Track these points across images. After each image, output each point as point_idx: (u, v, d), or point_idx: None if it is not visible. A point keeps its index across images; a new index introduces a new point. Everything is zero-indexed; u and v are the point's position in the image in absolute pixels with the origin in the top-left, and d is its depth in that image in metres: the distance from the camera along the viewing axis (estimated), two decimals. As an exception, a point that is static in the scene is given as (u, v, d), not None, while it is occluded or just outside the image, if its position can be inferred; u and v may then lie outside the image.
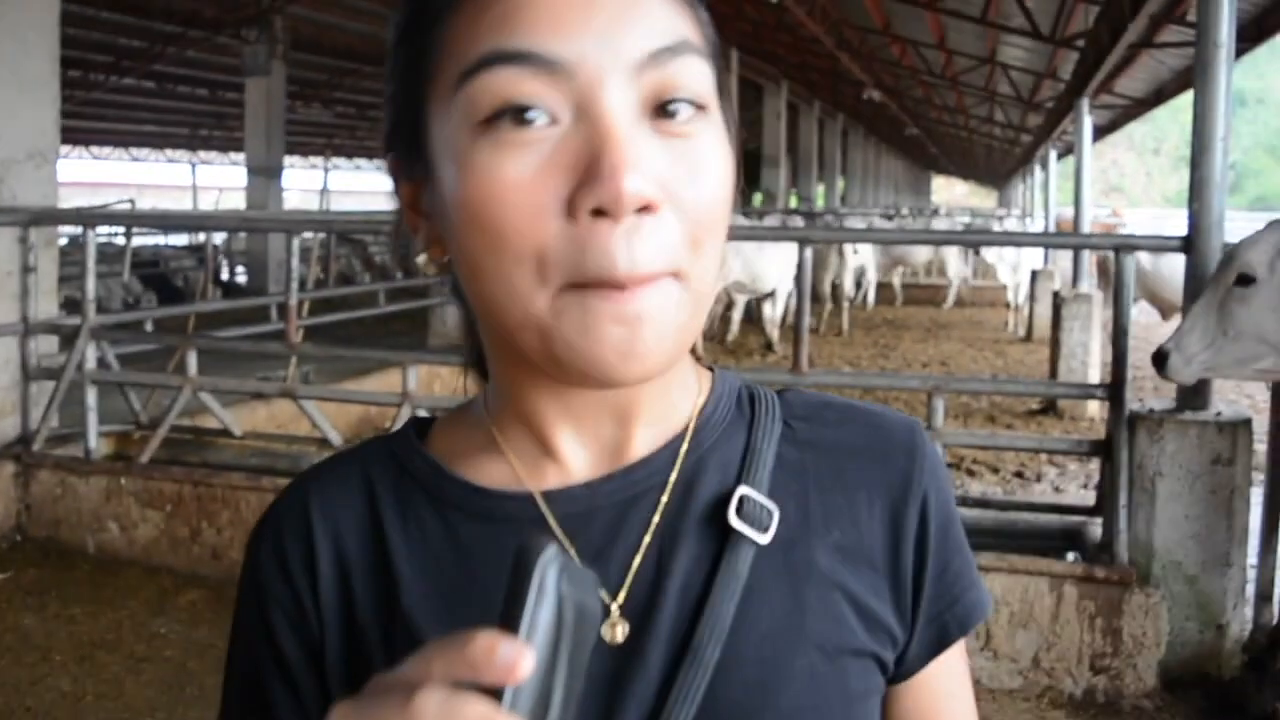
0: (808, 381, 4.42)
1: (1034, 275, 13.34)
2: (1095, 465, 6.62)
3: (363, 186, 43.11)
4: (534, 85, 0.59)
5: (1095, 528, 4.27)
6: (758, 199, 22.59)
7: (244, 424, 5.72)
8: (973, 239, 13.85)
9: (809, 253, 4.46)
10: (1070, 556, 4.33)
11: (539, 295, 0.60)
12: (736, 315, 13.00)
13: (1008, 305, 14.52)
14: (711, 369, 0.77)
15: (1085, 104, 10.01)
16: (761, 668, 0.66)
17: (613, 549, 0.68)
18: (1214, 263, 3.82)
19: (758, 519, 0.68)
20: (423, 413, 4.39)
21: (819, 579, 0.69)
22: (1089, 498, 5.83)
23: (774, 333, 12.08)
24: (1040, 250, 13.66)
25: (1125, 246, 4.03)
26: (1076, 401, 8.35)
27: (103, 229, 12.91)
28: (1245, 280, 3.03)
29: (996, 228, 21.42)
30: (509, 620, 0.45)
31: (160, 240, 18.50)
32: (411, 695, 0.44)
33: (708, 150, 0.62)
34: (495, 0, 0.61)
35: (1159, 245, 4.30)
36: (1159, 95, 12.91)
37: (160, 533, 4.86)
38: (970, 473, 6.99)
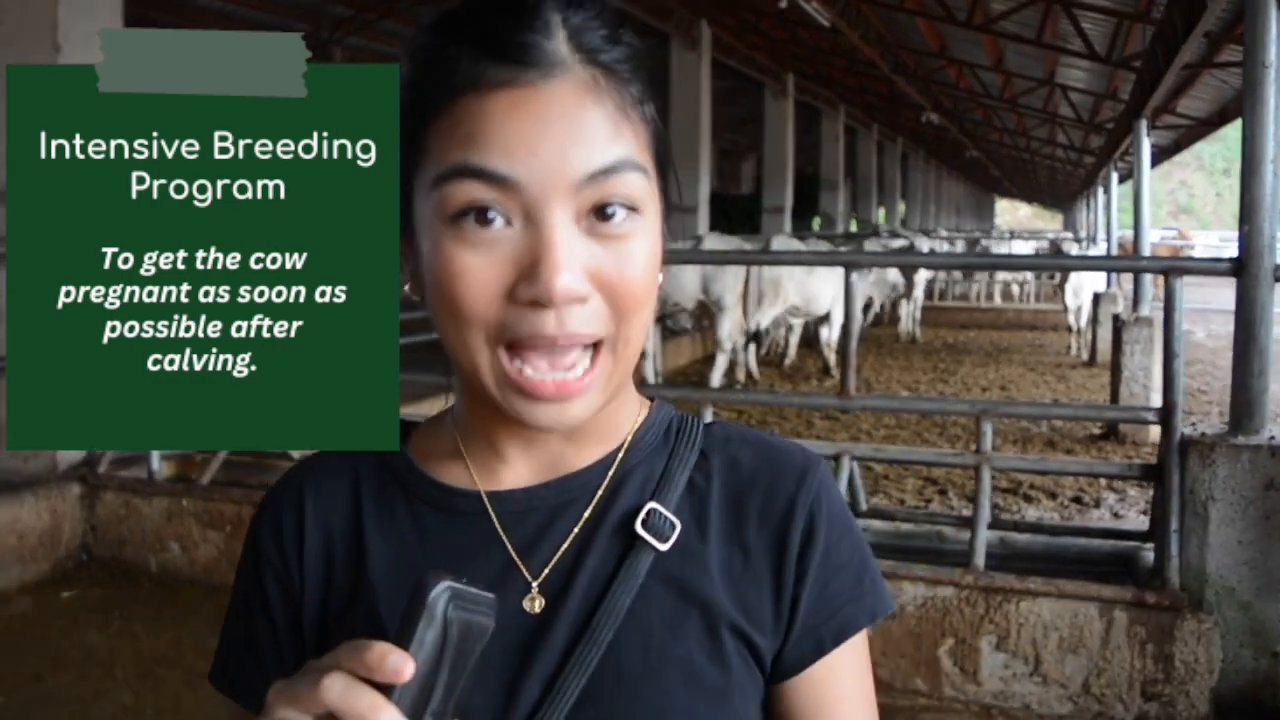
0: (854, 406, 4.44)
1: (1097, 298, 13.13)
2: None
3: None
4: (492, 194, 0.74)
5: (1148, 553, 4.22)
6: (816, 222, 22.54)
7: (302, 447, 5.84)
8: (1024, 263, 13.70)
9: (855, 277, 4.47)
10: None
11: (485, 352, 0.76)
12: (794, 339, 12.98)
13: (1070, 329, 14.33)
14: (652, 399, 0.92)
15: (1144, 125, 9.85)
16: (646, 652, 0.81)
17: (542, 542, 0.84)
18: (1265, 285, 3.79)
19: (660, 530, 0.83)
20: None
21: (706, 584, 0.83)
22: (1147, 523, 5.75)
23: (831, 356, 12.04)
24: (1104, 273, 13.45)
25: (1175, 270, 4.00)
26: (1139, 426, 8.22)
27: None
28: None
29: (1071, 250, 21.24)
30: (401, 638, 0.62)
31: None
32: (321, 677, 0.62)
33: (636, 248, 0.77)
34: (465, 118, 0.75)
35: (1209, 269, 4.26)
36: (1222, 115, 12.72)
37: (220, 553, 4.98)
38: (1027, 498, 6.91)
